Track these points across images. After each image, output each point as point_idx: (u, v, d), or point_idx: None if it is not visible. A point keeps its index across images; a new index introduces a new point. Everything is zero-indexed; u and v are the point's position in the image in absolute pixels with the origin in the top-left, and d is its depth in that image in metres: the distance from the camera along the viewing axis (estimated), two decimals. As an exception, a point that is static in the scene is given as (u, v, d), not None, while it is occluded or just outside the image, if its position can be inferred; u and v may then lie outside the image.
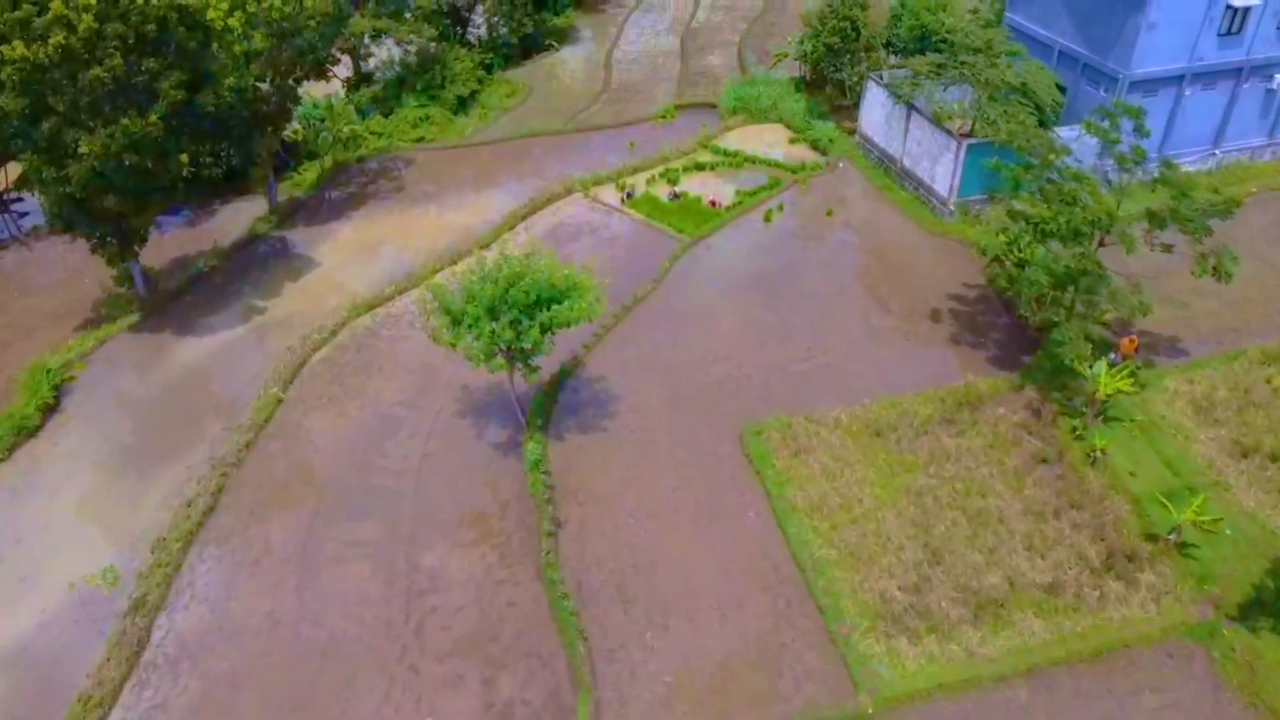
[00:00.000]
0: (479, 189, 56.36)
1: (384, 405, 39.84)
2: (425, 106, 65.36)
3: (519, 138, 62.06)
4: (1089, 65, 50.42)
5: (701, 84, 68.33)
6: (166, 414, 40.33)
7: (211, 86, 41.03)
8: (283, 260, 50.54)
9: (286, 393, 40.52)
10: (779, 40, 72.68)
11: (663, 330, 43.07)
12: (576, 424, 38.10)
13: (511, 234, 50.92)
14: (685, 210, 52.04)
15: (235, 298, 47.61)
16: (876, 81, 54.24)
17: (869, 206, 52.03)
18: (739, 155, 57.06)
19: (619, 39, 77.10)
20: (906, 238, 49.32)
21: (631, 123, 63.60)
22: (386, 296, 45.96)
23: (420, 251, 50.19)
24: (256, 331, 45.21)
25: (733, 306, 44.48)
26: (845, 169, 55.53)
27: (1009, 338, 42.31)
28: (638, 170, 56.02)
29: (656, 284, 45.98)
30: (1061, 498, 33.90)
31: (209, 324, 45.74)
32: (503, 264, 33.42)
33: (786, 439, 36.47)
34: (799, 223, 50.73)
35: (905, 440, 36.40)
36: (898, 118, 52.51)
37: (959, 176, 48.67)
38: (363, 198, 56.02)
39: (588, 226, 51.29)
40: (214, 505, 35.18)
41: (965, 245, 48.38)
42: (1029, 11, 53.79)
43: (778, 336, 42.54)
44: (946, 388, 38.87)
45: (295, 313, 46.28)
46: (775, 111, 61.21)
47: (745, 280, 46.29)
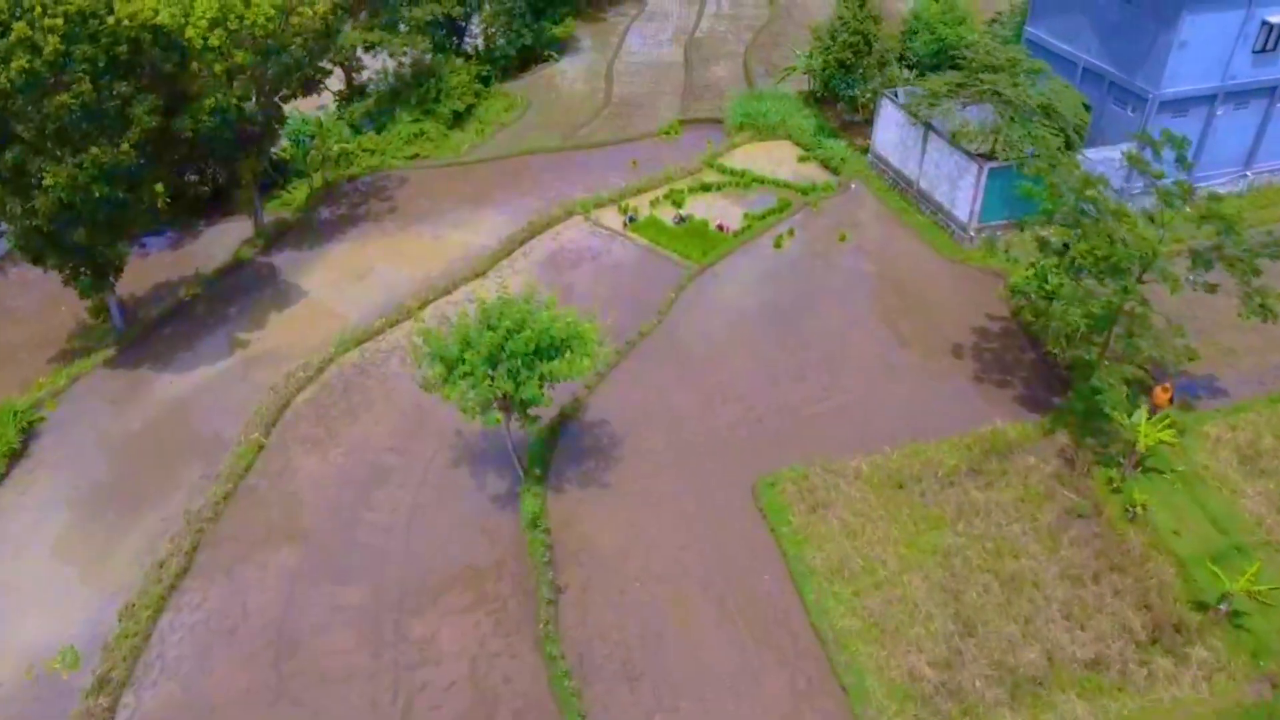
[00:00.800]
0: (475, 210, 53.89)
1: (372, 451, 37.39)
2: (420, 121, 62.86)
3: (517, 155, 59.59)
4: (1115, 84, 47.99)
5: (706, 97, 65.85)
6: (141, 459, 37.89)
7: (190, 110, 38.51)
8: (268, 287, 48.05)
9: (269, 437, 38.06)
10: (786, 51, 70.22)
11: (669, 368, 40.63)
12: (577, 474, 35.65)
13: (509, 260, 48.46)
14: (691, 235, 49.60)
15: (217, 329, 45.14)
16: (891, 99, 51.80)
17: (884, 231, 49.58)
18: (746, 175, 54.62)
19: (620, 49, 74.62)
20: (924, 266, 46.88)
21: (634, 139, 61.13)
22: (376, 330, 43.48)
23: (413, 279, 47.72)
24: (239, 366, 42.76)
25: (742, 341, 42.04)
26: (857, 190, 53.09)
27: (1036, 376, 39.90)
28: (641, 191, 53.57)
29: (661, 317, 43.53)
30: (1100, 559, 31.49)
31: (189, 358, 43.28)
32: (503, 309, 30.92)
33: (803, 491, 34.04)
34: (811, 249, 48.28)
35: (930, 493, 33.97)
36: (914, 138, 50.08)
37: (980, 201, 46.22)
38: (354, 219, 53.55)
39: (588, 252, 48.83)
40: (188, 565, 32.71)
41: (986, 273, 45.98)
42: (1051, 26, 51.34)
43: (791, 375, 40.11)
44: (972, 433, 36.44)
45: (280, 345, 43.83)
46: (783, 128, 58.75)
47: (755, 312, 43.84)
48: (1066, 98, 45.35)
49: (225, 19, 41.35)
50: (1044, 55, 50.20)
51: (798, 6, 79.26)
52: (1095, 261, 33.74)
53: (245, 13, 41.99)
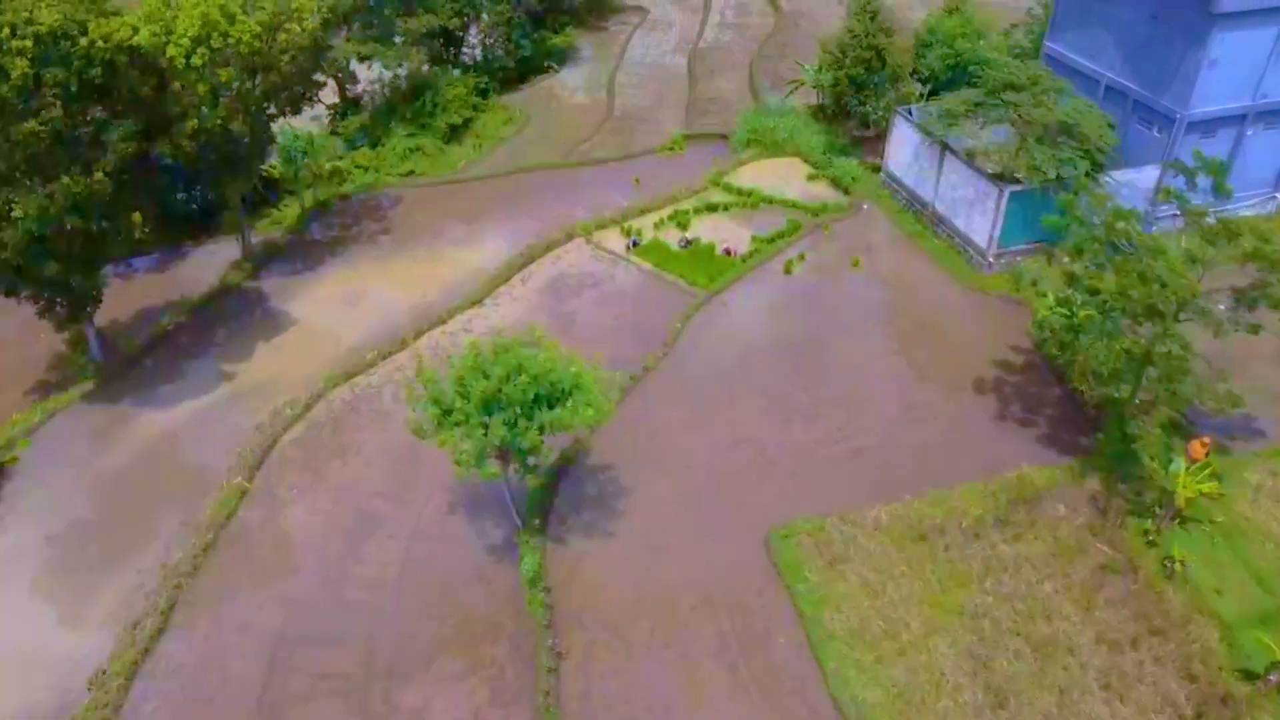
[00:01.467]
0: (472, 231, 51.83)
1: (362, 497, 35.33)
2: (415, 136, 60.79)
3: (516, 172, 57.53)
4: (1140, 102, 45.94)
5: (711, 111, 63.78)
6: (118, 504, 35.83)
7: (170, 134, 36.40)
8: (256, 314, 45.98)
9: (253, 481, 35.99)
10: (793, 63, 67.94)
11: (675, 406, 38.56)
12: (580, 524, 33.59)
13: (507, 287, 46.40)
14: (697, 259, 47.54)
15: (202, 360, 43.06)
16: (905, 117, 49.75)
17: (899, 256, 47.52)
18: (754, 194, 52.56)
19: (622, 60, 72.52)
20: (942, 293, 44.82)
21: (637, 155, 59.10)
22: (368, 363, 41.42)
23: (407, 305, 45.66)
24: (225, 400, 40.70)
25: (753, 376, 39.98)
26: (869, 211, 51.03)
27: (1063, 414, 37.86)
28: (645, 212, 51.51)
29: (667, 349, 41.47)
30: (1139, 622, 29.46)
31: (171, 392, 41.20)
32: (499, 354, 28.85)
33: (820, 545, 32.00)
34: (823, 275, 46.21)
35: (955, 546, 31.93)
36: (929, 158, 48.02)
37: (1000, 227, 44.18)
38: (345, 241, 51.47)
39: (590, 278, 46.76)
40: (164, 626, 30.64)
41: (1007, 301, 43.96)
42: (1072, 41, 49.28)
43: (804, 414, 38.07)
44: (998, 479, 34.41)
45: (268, 377, 41.77)
46: (791, 144, 56.69)
47: (766, 345, 41.78)
48: (1091, 118, 43.29)
49: (209, 37, 39.23)
50: (1064, 72, 48.13)
51: (804, 16, 77.14)
52: (1128, 302, 31.65)
53: (230, 30, 39.90)
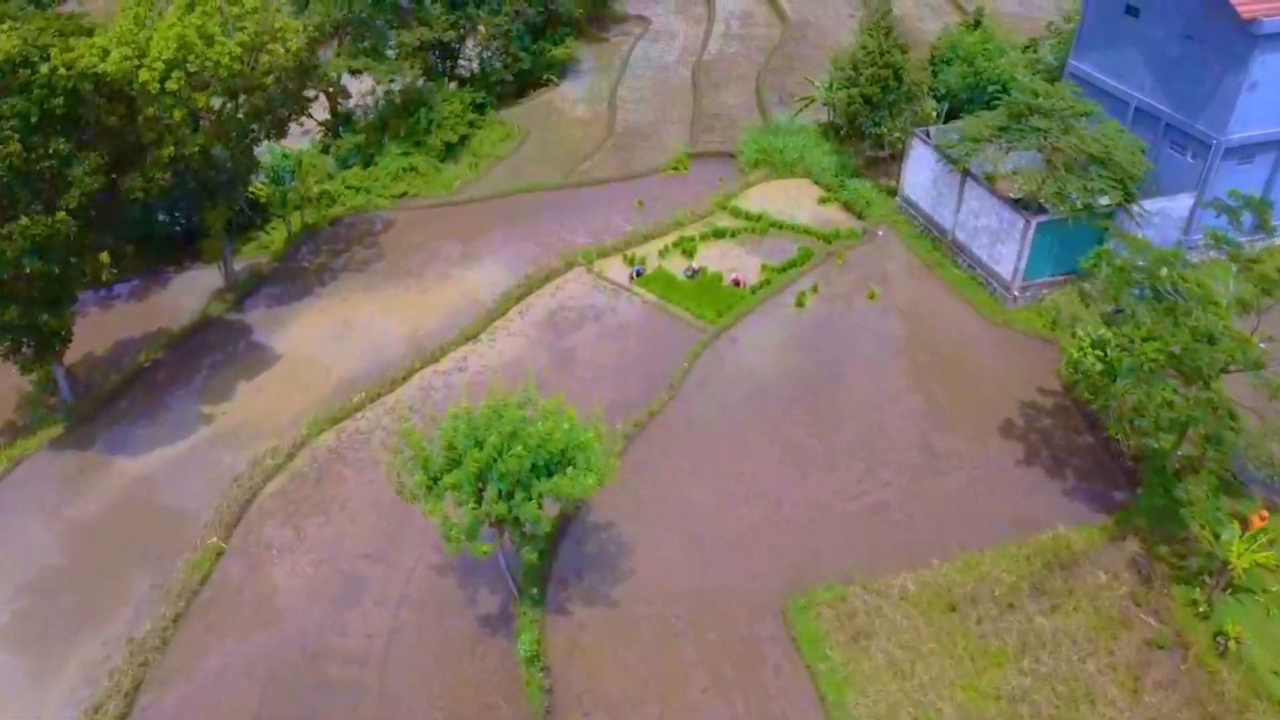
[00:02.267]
0: (468, 258, 49.36)
1: (347, 558, 32.84)
2: (409, 155, 58.27)
3: (514, 193, 55.04)
4: (1173, 126, 43.45)
5: (716, 127, 61.27)
6: (86, 562, 33.44)
7: (142, 166, 33.90)
8: (238, 350, 43.52)
9: (230, 540, 33.50)
10: (801, 77, 65.63)
11: (683, 455, 36.08)
12: (581, 592, 31.09)
13: (504, 320, 43.89)
14: (704, 290, 45.07)
15: (179, 400, 40.62)
16: (923, 139, 47.25)
17: (917, 287, 45.02)
18: (763, 219, 50.06)
19: (624, 72, 69.93)
20: (964, 328, 42.34)
21: (639, 175, 56.65)
22: (355, 406, 38.92)
23: (399, 340, 43.22)
24: (202, 446, 38.24)
25: (765, 422, 37.50)
26: (885, 238, 48.53)
27: (1097, 465, 35.40)
28: (648, 239, 49.02)
29: (673, 391, 38.97)
30: (1192, 708, 27.00)
31: (146, 437, 38.74)
32: (491, 419, 26.33)
33: (841, 616, 29.53)
34: (838, 308, 43.72)
35: (988, 619, 29.45)
36: (949, 183, 45.54)
37: (1026, 258, 41.69)
38: (334, 268, 48.97)
39: (591, 311, 44.27)
40: (128, 711, 28.13)
41: (1033, 338, 41.51)
42: (1099, 60, 46.78)
43: (820, 464, 35.59)
44: (1032, 541, 31.95)
45: (249, 421, 39.34)
46: (801, 165, 54.21)
47: (779, 386, 39.30)
48: (1122, 144, 40.78)
49: (184, 60, 36.73)
50: (1089, 92, 45.60)
51: (811, 26, 74.66)
52: (1172, 360, 29.14)
53: (208, 52, 37.43)
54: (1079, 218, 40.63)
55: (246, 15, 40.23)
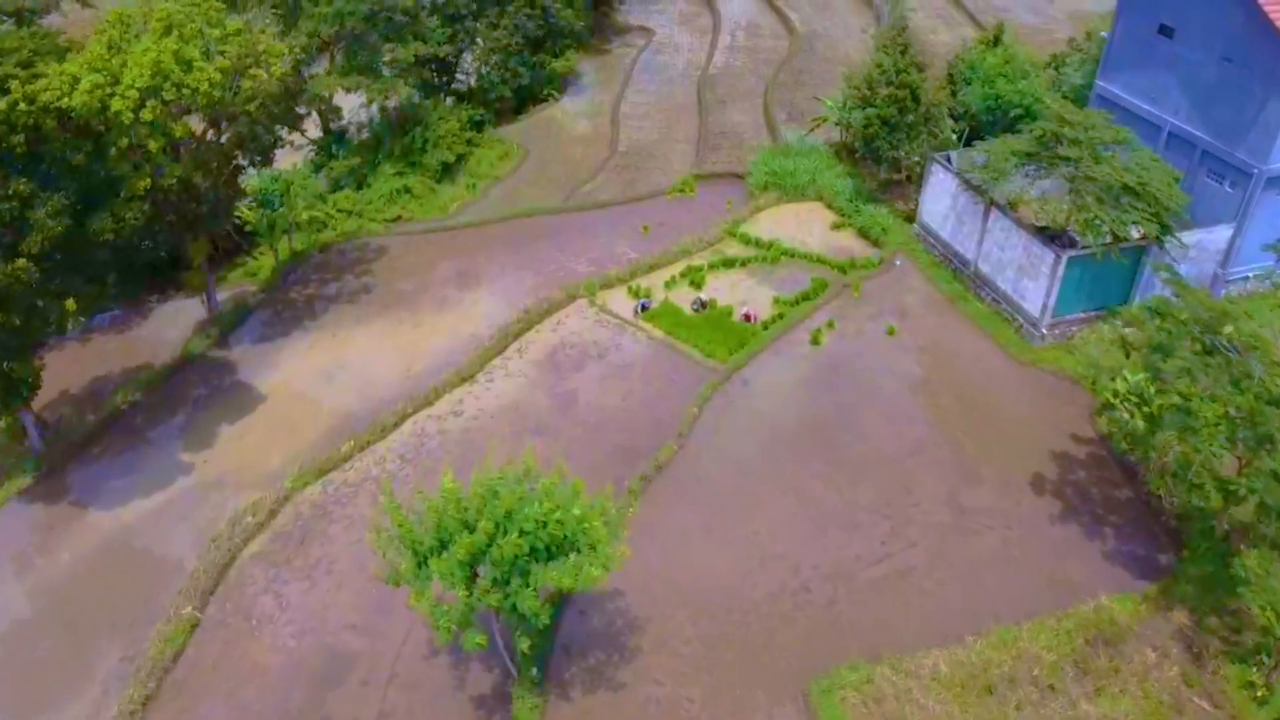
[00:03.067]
0: (464, 287, 46.98)
1: (331, 630, 30.46)
2: (404, 175, 55.98)
3: (512, 217, 52.64)
4: (1210, 154, 41.02)
5: (723, 147, 58.87)
6: (51, 633, 31.18)
7: (111, 205, 31.49)
8: (221, 391, 41.16)
9: (206, 608, 31.11)
10: (811, 92, 63.21)
11: (693, 512, 33.68)
12: (584, 672, 28.69)
13: (501, 359, 41.49)
14: (713, 325, 42.65)
15: (157, 449, 38.28)
16: (943, 165, 44.83)
17: (938, 323, 42.60)
18: (774, 247, 47.66)
19: (627, 87, 67.47)
20: (990, 369, 39.93)
21: (644, 198, 54.24)
22: (343, 456, 36.53)
23: (390, 380, 40.87)
24: (180, 500, 35.91)
25: (781, 474, 35.10)
26: (903, 268, 46.12)
27: (1138, 524, 33.02)
28: (654, 268, 46.63)
29: (682, 440, 36.56)
30: (1255, 809, 24.57)
31: (121, 489, 36.40)
32: (485, 501, 23.91)
33: (868, 700, 27.15)
34: (855, 346, 41.31)
35: (1029, 704, 27.07)
36: (971, 212, 43.14)
37: (1056, 295, 39.28)
38: (323, 300, 46.59)
39: (594, 348, 41.86)
40: (89, 812, 25.78)
41: (1063, 378, 39.12)
42: (1129, 82, 44.33)
43: (841, 522, 33.19)
44: (1072, 614, 29.55)
45: (230, 471, 37.01)
46: (813, 187, 51.81)
47: (794, 433, 36.90)
48: (1158, 174, 38.38)
49: (160, 89, 34.30)
50: (1118, 114, 43.19)
51: (820, 38, 72.22)
52: (1229, 426, 26.75)
53: (186, 79, 35.00)
54: (1111, 252, 38.25)
55: (228, 38, 37.80)
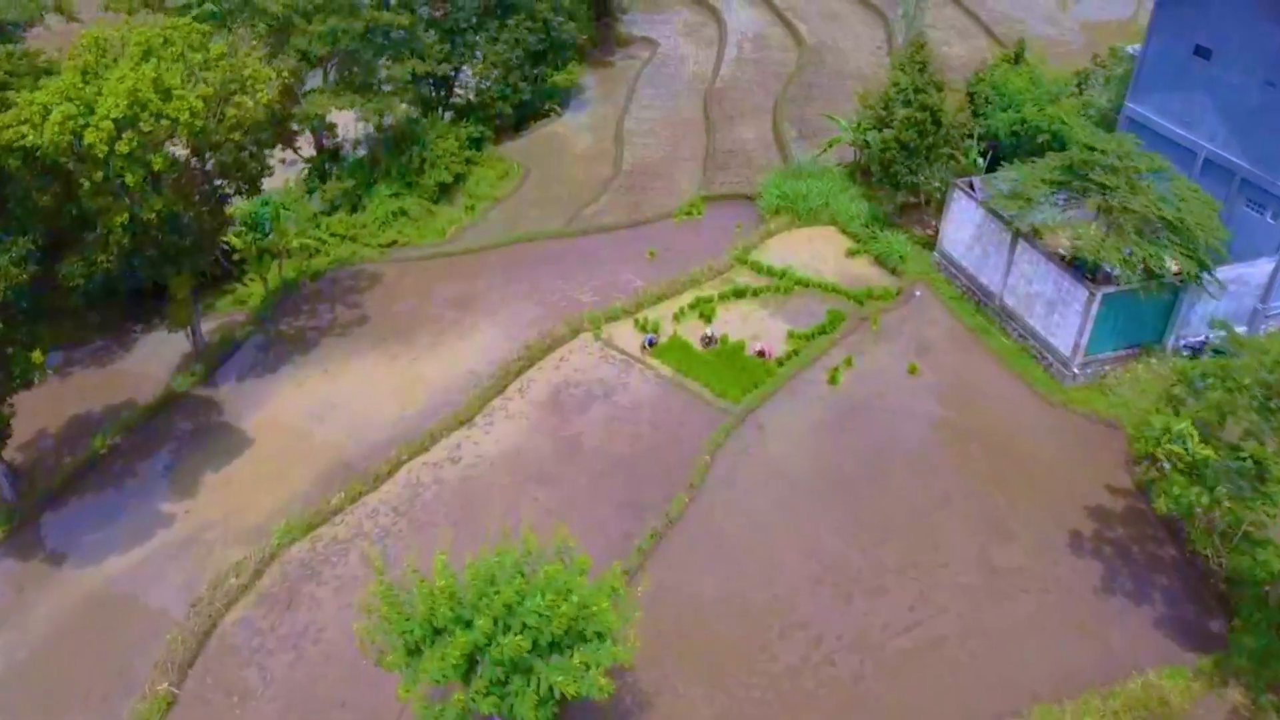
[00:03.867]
0: (462, 319, 44.80)
1: (319, 707, 28.29)
2: (400, 196, 53.73)
3: (512, 243, 50.44)
4: (1250, 182, 38.91)
5: (732, 165, 56.73)
6: (15, 710, 28.85)
7: (82, 247, 29.30)
8: (204, 434, 38.94)
9: (184, 683, 28.92)
10: (821, 106, 61.08)
11: (707, 574, 31.48)
12: (593, 759, 26.53)
13: (502, 400, 39.28)
14: (725, 362, 40.49)
15: (137, 497, 36.10)
16: (965, 191, 42.64)
17: (962, 360, 40.41)
18: (787, 275, 45.49)
19: (631, 101, 65.26)
20: (1019, 411, 37.76)
21: (649, 220, 52.10)
22: (332, 508, 34.33)
23: (383, 423, 38.69)
24: (159, 556, 33.73)
25: (800, 530, 32.91)
26: (923, 299, 43.92)
27: (1183, 587, 30.88)
28: (661, 299, 44.45)
29: (694, 491, 34.36)
30: None
31: (97, 544, 34.22)
32: (484, 591, 21.71)
33: (900, 794, 24.92)
34: (875, 385, 39.10)
35: (1075, 799, 24.86)
36: (997, 242, 40.96)
37: (1088, 334, 37.10)
38: (315, 334, 44.37)
39: (600, 387, 39.67)
40: None
41: (1095, 421, 36.98)
42: (1162, 105, 42.19)
43: (865, 584, 31.02)
44: (1119, 691, 27.37)
45: (213, 524, 34.85)
46: (827, 211, 49.64)
47: (813, 484, 34.71)
48: (1197, 206, 36.23)
49: (137, 119, 32.10)
50: (1150, 139, 41.07)
51: (830, 50, 70.03)
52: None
53: (165, 108, 32.79)
54: (1150, 289, 36.08)
55: (211, 62, 35.58)
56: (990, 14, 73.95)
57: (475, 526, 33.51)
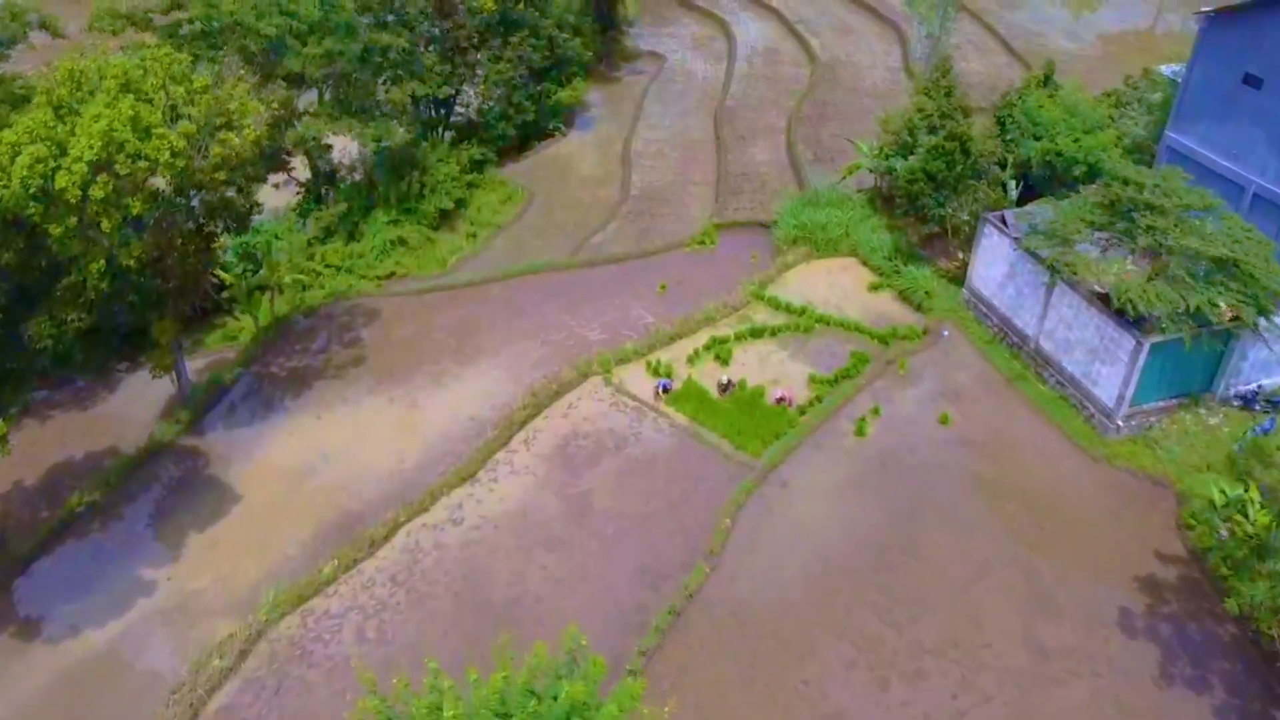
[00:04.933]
0: (463, 359, 42.41)
1: (309, 812, 25.86)
2: (399, 223, 51.26)
3: (516, 275, 47.99)
4: (1305, 220, 36.50)
5: (745, 190, 54.30)
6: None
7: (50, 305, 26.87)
8: (189, 490, 36.54)
9: (161, 784, 26.52)
10: (836, 127, 58.72)
11: (731, 658, 29.03)
12: None
13: (506, 452, 36.84)
14: (743, 410, 38.08)
15: (116, 562, 33.70)
16: (998, 226, 40.21)
17: (997, 409, 37.98)
18: (807, 313, 43.08)
19: (638, 120, 62.72)
20: (1059, 466, 35.34)
21: (659, 251, 49.69)
22: (326, 579, 31.86)
23: (380, 477, 36.33)
24: (138, 629, 31.38)
25: (831, 607, 30.48)
26: (952, 339, 41.50)
27: (1245, 670, 28.49)
28: (674, 339, 42.02)
29: (715, 559, 31.91)
30: None
31: (71, 616, 31.85)
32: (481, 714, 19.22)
33: None
34: (905, 438, 36.67)
35: None
36: (1033, 282, 38.52)
37: (1134, 385, 34.67)
38: (308, 377, 41.93)
39: (611, 438, 37.24)
40: None
41: (1142, 479, 34.58)
42: (1207, 135, 39.78)
43: (903, 668, 28.58)
44: (1186, 798, 24.93)
45: (198, 592, 32.49)
46: (847, 241, 47.25)
47: (843, 552, 32.27)
48: (1253, 246, 33.81)
49: (113, 161, 29.67)
50: (1192, 170, 38.54)
51: (843, 65, 67.58)
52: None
53: (143, 148, 30.35)
54: (1201, 339, 33.67)
55: (195, 95, 33.13)
56: (1008, 28, 71.55)
57: (478, 598, 31.25)
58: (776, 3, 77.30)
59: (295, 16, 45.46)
